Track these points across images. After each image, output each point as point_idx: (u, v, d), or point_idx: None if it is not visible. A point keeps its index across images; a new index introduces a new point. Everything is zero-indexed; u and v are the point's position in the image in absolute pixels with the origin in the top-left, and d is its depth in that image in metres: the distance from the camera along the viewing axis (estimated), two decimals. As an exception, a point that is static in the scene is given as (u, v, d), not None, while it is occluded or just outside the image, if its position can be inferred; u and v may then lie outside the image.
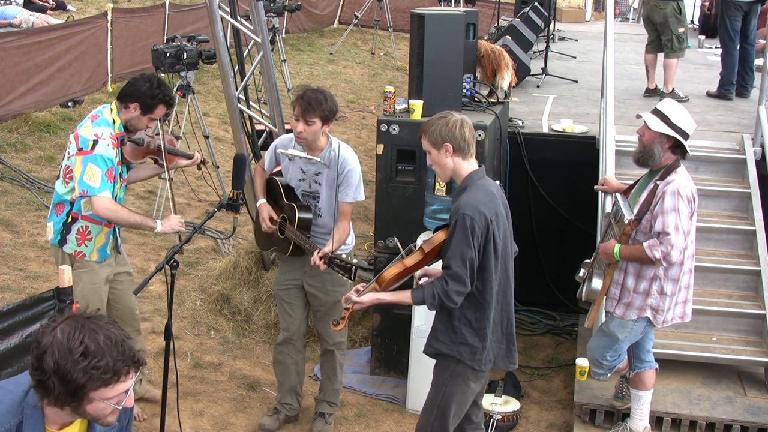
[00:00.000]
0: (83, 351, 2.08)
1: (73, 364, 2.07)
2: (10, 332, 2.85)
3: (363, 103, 12.31)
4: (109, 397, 2.17)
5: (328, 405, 4.79)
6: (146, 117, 4.24)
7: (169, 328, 3.80)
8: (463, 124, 3.56)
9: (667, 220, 4.03)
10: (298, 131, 4.20)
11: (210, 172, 7.61)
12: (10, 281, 5.91)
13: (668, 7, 7.77)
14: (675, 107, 4.23)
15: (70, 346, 2.08)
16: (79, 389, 2.11)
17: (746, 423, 4.73)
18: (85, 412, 2.20)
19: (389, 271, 3.57)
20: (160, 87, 4.22)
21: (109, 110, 4.25)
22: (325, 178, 4.32)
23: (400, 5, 15.68)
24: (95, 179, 4.06)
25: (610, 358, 4.46)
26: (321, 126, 4.19)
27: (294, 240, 4.30)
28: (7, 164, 7.64)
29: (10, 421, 2.19)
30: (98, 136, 4.09)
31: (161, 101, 4.23)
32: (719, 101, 7.97)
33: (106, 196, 4.10)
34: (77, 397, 2.13)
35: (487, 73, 6.09)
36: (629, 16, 18.41)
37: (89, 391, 2.13)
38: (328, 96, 4.20)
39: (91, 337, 2.10)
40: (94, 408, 2.18)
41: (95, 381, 2.11)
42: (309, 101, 4.13)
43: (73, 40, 9.40)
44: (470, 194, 3.51)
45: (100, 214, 4.14)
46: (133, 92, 4.21)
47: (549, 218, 6.53)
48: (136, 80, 4.25)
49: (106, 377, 2.12)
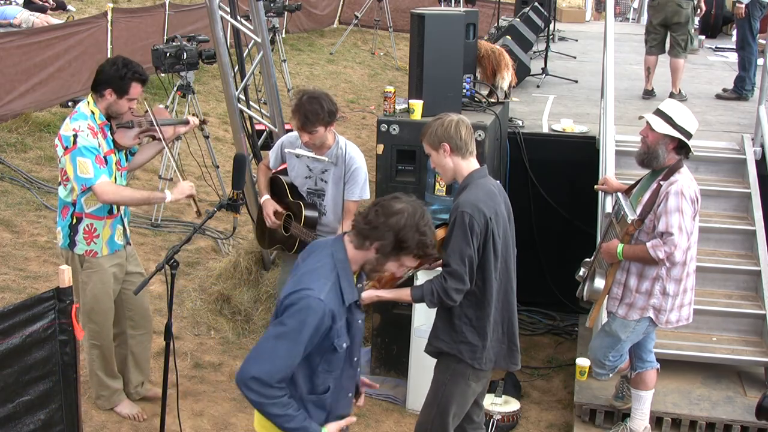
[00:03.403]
0: (423, 229, 2.83)
1: (414, 232, 2.79)
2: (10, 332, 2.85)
3: (363, 103, 12.31)
4: (405, 264, 2.91)
5: None
6: (123, 99, 4.23)
7: (169, 328, 3.80)
8: (458, 123, 3.57)
9: (671, 220, 4.02)
10: (304, 141, 4.27)
11: (210, 172, 7.62)
12: (10, 281, 5.91)
13: (689, 7, 7.79)
14: (678, 107, 4.22)
15: (417, 220, 2.81)
16: (403, 248, 2.82)
17: (746, 423, 4.73)
18: (383, 265, 2.89)
19: None
20: (127, 66, 4.20)
21: (86, 103, 4.26)
22: (332, 175, 4.35)
23: (400, 5, 15.67)
24: (88, 170, 4.08)
25: (612, 359, 4.46)
26: (324, 130, 4.23)
27: (300, 237, 4.30)
28: (7, 164, 7.64)
29: (333, 276, 2.83)
30: (76, 130, 4.12)
31: (131, 79, 4.20)
32: (719, 101, 7.97)
33: (104, 180, 4.12)
34: (396, 253, 2.83)
35: (487, 73, 6.08)
36: (629, 16, 18.42)
37: (405, 253, 2.84)
38: (324, 101, 4.20)
39: (429, 226, 2.86)
40: (391, 265, 2.90)
41: (414, 250, 2.83)
42: (306, 115, 4.15)
43: (73, 40, 9.39)
44: (470, 192, 3.51)
45: (105, 200, 4.15)
46: (103, 78, 4.20)
47: (549, 218, 6.53)
48: (102, 66, 4.25)
49: (417, 252, 2.84)
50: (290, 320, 2.74)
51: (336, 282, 2.82)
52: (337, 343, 2.83)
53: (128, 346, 4.66)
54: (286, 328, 2.75)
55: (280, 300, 2.83)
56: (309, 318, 2.72)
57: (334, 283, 2.81)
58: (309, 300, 2.74)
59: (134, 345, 4.67)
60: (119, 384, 4.68)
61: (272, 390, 2.75)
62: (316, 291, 2.75)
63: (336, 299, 2.80)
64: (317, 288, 2.76)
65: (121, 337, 4.63)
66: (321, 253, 2.91)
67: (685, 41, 7.84)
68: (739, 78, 8.09)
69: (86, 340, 4.42)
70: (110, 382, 4.62)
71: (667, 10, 7.80)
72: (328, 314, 2.76)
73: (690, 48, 7.88)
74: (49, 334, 3.01)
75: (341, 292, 2.83)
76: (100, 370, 4.56)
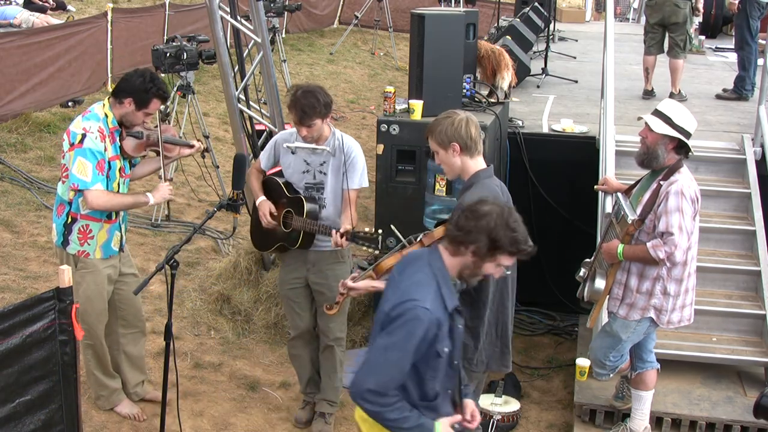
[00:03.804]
0: (513, 226, 2.88)
1: (505, 230, 2.86)
2: (10, 332, 2.85)
3: (363, 103, 12.31)
4: (502, 264, 2.95)
5: (329, 404, 4.79)
6: (141, 112, 4.24)
7: (169, 328, 3.80)
8: (468, 122, 3.57)
9: (671, 220, 4.02)
10: (303, 135, 4.29)
11: (210, 172, 7.62)
12: (10, 281, 5.91)
13: (687, 7, 7.78)
14: (676, 107, 4.22)
15: (506, 219, 2.87)
16: (497, 248, 2.87)
17: (746, 423, 4.73)
18: (481, 267, 2.94)
19: (388, 260, 3.57)
20: (154, 81, 4.21)
21: (101, 105, 4.26)
22: (331, 166, 4.37)
23: (400, 5, 15.67)
24: (86, 173, 4.07)
25: (613, 359, 4.46)
26: (322, 123, 4.27)
27: (304, 228, 4.30)
28: (7, 164, 7.64)
29: (434, 285, 2.91)
30: (86, 130, 4.11)
31: (155, 95, 4.22)
32: (719, 101, 7.97)
33: (99, 189, 4.11)
34: (491, 254, 2.89)
35: (487, 73, 6.09)
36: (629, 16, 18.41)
37: (500, 252, 2.88)
38: (320, 94, 4.24)
39: (519, 223, 2.91)
40: (488, 266, 2.93)
41: (508, 248, 2.87)
42: (303, 109, 4.19)
43: (73, 40, 9.40)
44: (474, 192, 3.51)
45: (94, 207, 4.14)
46: (127, 87, 4.21)
47: (549, 218, 6.52)
48: (129, 75, 4.26)
49: (511, 249, 2.88)
50: (398, 331, 2.82)
51: (437, 290, 2.90)
52: (440, 348, 2.89)
53: (120, 346, 4.64)
54: (394, 339, 2.83)
55: (385, 311, 2.89)
56: (417, 328, 2.81)
57: (436, 292, 2.89)
58: (416, 310, 2.81)
59: (126, 344, 4.65)
60: (117, 383, 4.68)
61: (388, 398, 2.84)
62: (421, 301, 2.83)
63: (440, 307, 2.88)
64: (422, 298, 2.84)
65: (112, 337, 4.60)
66: (418, 264, 2.99)
67: (683, 41, 7.83)
68: (739, 78, 8.09)
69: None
70: (108, 381, 4.61)
71: (665, 10, 7.80)
72: (434, 322, 2.84)
73: (690, 48, 7.86)
74: (49, 334, 3.01)
75: (443, 300, 2.90)
76: (96, 369, 4.55)
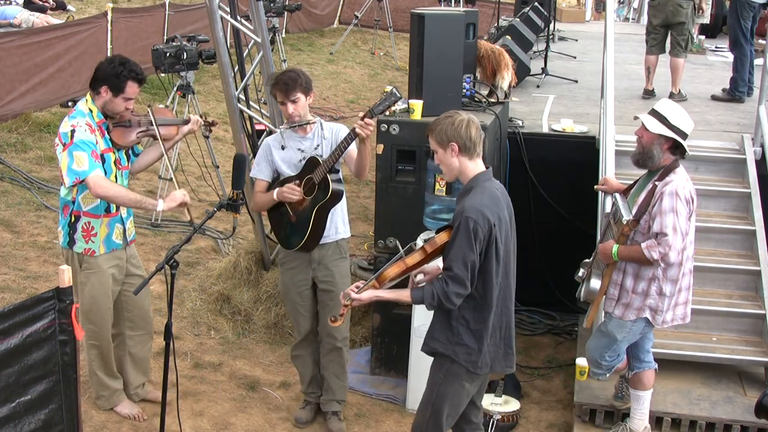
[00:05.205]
0: None
1: None
2: (10, 332, 2.85)
3: (363, 103, 12.30)
4: None
5: (338, 403, 4.85)
6: (119, 98, 4.23)
7: (169, 328, 3.80)
8: (469, 123, 3.56)
9: (665, 221, 4.02)
10: (290, 113, 4.38)
11: (210, 172, 7.62)
12: (10, 281, 5.91)
13: (690, 6, 7.79)
14: (672, 107, 4.22)
15: None
16: None
17: (746, 423, 4.73)
18: None
19: (390, 270, 3.56)
20: (124, 65, 4.21)
21: (84, 102, 4.27)
22: (325, 147, 4.44)
23: (400, 5, 15.68)
24: (83, 163, 4.09)
25: (608, 359, 4.46)
26: (305, 98, 4.39)
27: (330, 162, 4.27)
28: (7, 164, 7.64)
29: None
30: (74, 126, 4.14)
31: (128, 78, 4.20)
32: (719, 101, 7.96)
33: (99, 173, 4.13)
34: None
35: (487, 73, 6.08)
36: (629, 16, 18.40)
37: None
38: (299, 71, 4.41)
39: None
40: None
41: None
42: (286, 83, 4.33)
43: (73, 40, 9.40)
44: (475, 197, 3.50)
45: (97, 192, 4.14)
46: (100, 75, 4.22)
47: (549, 218, 6.53)
48: (100, 64, 4.27)
49: None
50: None
51: None
52: None
53: (126, 347, 4.65)
54: None
55: None
56: None
57: None
58: None
59: (132, 346, 4.66)
60: (119, 384, 4.68)
61: None
62: None
63: None
64: None
65: (119, 338, 4.62)
66: None
67: (685, 41, 7.85)
68: (732, 80, 8.09)
69: (85, 340, 4.41)
70: (110, 382, 4.62)
71: (668, 10, 7.80)
72: None
73: (691, 47, 7.86)
74: (49, 334, 3.01)
75: None
76: (99, 370, 4.56)
